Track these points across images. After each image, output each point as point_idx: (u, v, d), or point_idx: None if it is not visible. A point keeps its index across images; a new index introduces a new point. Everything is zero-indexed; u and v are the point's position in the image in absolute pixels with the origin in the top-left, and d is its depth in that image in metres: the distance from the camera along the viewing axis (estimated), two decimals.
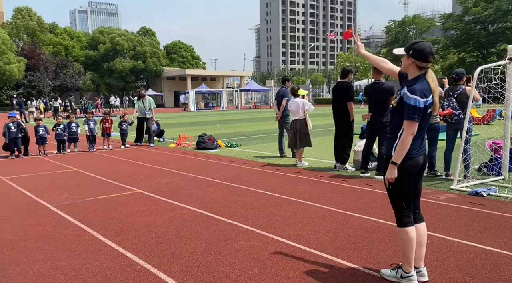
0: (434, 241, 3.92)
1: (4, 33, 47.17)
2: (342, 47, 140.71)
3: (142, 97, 12.70)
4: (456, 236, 4.04)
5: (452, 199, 5.50)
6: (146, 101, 12.66)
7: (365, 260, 3.52)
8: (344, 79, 7.79)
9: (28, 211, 5.23)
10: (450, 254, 3.61)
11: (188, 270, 3.35)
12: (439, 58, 56.68)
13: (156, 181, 6.98)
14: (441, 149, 7.18)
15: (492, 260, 3.45)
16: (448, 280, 3.08)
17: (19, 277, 3.21)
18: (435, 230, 4.23)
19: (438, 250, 3.71)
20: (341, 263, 3.46)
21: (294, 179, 7.03)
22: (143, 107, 12.58)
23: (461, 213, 4.87)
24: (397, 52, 3.09)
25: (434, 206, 5.20)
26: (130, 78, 59.15)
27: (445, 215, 4.79)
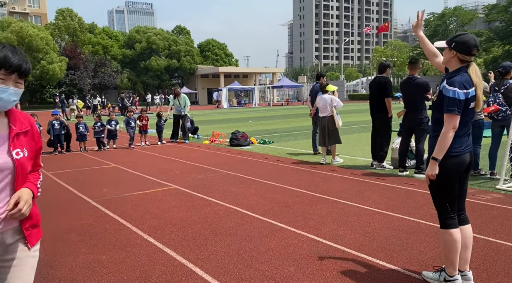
0: (480, 243, 3.74)
1: (47, 34, 49.41)
2: (378, 41, 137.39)
3: (178, 95, 12.94)
4: (504, 239, 3.83)
5: (498, 199, 5.23)
6: (181, 99, 12.91)
7: (405, 261, 3.41)
8: (381, 75, 7.57)
9: (71, 205, 5.44)
10: (498, 257, 3.42)
11: (224, 266, 3.37)
12: (482, 51, 54.09)
13: (191, 177, 7.08)
14: (486, 147, 6.84)
15: None
16: None
17: (64, 269, 3.33)
18: (481, 231, 4.03)
19: (484, 253, 3.53)
20: (380, 264, 3.37)
21: (329, 177, 6.93)
22: (179, 105, 12.85)
23: (509, 214, 4.62)
24: (438, 45, 2.94)
25: (478, 206, 4.96)
26: (165, 77, 60.41)
27: (491, 216, 4.56)
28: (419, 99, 6.62)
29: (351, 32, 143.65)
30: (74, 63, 50.86)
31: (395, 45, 70.34)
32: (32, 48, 46.33)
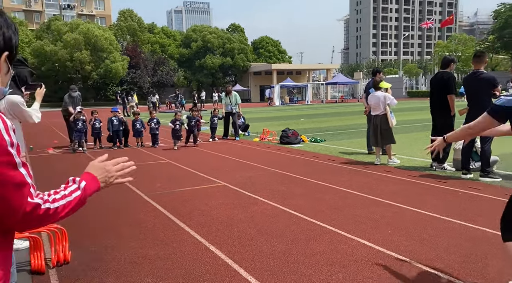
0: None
1: (111, 34, 52.29)
2: (441, 35, 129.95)
3: (229, 93, 13.08)
4: None
5: None
6: (233, 97, 13.05)
7: (467, 273, 3.10)
8: (445, 70, 7.04)
9: (125, 199, 5.62)
10: None
11: (269, 269, 3.26)
12: None
13: (241, 175, 7.06)
14: None
15: None
16: None
17: (112, 262, 3.42)
18: None
19: None
20: (438, 275, 3.09)
21: (384, 178, 6.58)
22: (230, 102, 12.97)
23: None
24: None
25: None
26: (219, 75, 61.54)
27: None
28: (485, 96, 6.06)
29: (411, 26, 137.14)
30: (135, 62, 53.35)
31: (459, 39, 66.06)
32: (97, 48, 49.26)
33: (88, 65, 48.85)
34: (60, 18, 58.90)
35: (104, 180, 1.43)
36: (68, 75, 50.05)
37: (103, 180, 1.43)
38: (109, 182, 1.45)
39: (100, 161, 1.46)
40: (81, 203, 1.33)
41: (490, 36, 59.27)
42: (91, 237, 4.04)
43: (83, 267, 3.33)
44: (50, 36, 51.10)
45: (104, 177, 1.43)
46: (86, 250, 3.69)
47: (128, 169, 1.52)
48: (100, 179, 1.42)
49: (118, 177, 1.48)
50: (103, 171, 1.43)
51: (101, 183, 1.42)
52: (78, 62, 48.39)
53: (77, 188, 1.33)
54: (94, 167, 1.43)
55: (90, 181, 1.37)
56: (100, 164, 1.44)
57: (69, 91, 11.55)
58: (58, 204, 1.23)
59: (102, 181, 1.42)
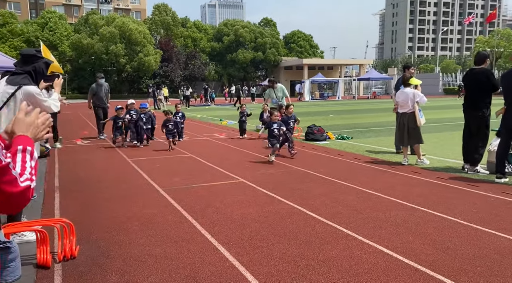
0: None
1: (145, 28, 53.26)
2: (483, 30, 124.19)
3: (273, 86, 11.71)
4: None
5: None
6: (278, 89, 11.67)
7: None
8: (480, 66, 6.59)
9: (141, 192, 5.60)
10: None
11: (277, 274, 3.11)
12: None
13: (261, 172, 6.91)
14: None
15: None
16: None
17: (118, 260, 3.36)
18: None
19: None
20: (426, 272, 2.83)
21: (410, 180, 6.24)
22: (275, 96, 11.56)
23: None
24: None
25: None
26: (250, 69, 61.45)
27: None
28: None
29: (450, 20, 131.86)
30: (168, 56, 54.12)
31: (502, 34, 62.77)
32: (131, 41, 50.34)
33: (122, 58, 50.02)
34: (97, 12, 60.61)
35: (33, 135, 1.45)
36: (104, 68, 51.41)
37: (33, 135, 1.45)
38: (37, 137, 1.47)
39: (24, 114, 1.45)
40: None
41: None
42: (102, 231, 4.02)
43: (89, 263, 3.29)
44: (88, 30, 52.68)
45: (33, 133, 1.45)
46: (94, 245, 3.66)
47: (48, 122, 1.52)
48: (31, 136, 1.44)
49: (43, 130, 1.50)
50: (30, 127, 1.45)
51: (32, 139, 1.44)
52: (113, 55, 49.64)
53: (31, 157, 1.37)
54: (22, 125, 1.43)
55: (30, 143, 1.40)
56: (27, 119, 1.44)
57: (96, 80, 11.63)
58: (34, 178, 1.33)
59: (32, 137, 1.44)
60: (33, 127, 1.45)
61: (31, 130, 1.44)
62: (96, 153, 9.34)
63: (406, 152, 7.58)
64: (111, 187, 5.86)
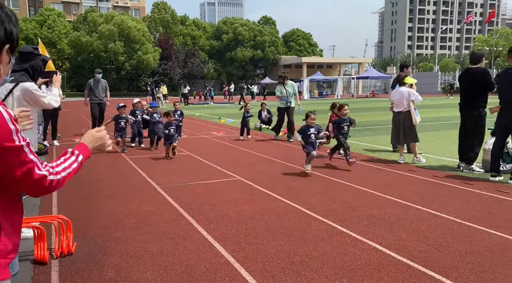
0: None
1: (144, 26, 53.21)
2: (482, 29, 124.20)
3: (284, 82, 10.57)
4: None
5: None
6: (289, 86, 10.54)
7: None
8: (476, 65, 6.63)
9: (139, 190, 5.64)
10: None
11: (271, 270, 3.16)
12: None
13: (258, 170, 6.96)
14: None
15: None
16: None
17: (115, 256, 3.40)
18: None
19: None
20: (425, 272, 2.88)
21: (406, 178, 6.30)
22: (285, 93, 10.37)
23: None
24: None
25: None
26: (249, 67, 61.47)
27: None
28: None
29: (449, 19, 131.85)
30: (167, 54, 54.10)
31: (501, 33, 62.84)
32: (130, 39, 50.30)
33: (121, 56, 49.99)
34: (96, 10, 60.50)
35: (97, 148, 1.65)
36: (103, 65, 51.33)
37: (96, 148, 1.65)
38: (103, 149, 1.68)
39: (97, 131, 1.67)
40: (77, 171, 1.54)
41: None
42: (99, 228, 4.06)
43: (86, 259, 3.33)
44: (86, 27, 52.63)
45: (98, 145, 1.65)
46: (91, 241, 3.70)
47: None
48: (92, 148, 1.63)
49: (106, 145, 1.69)
50: (98, 140, 1.65)
51: (92, 151, 1.63)
52: (112, 53, 49.61)
53: (75, 160, 1.51)
54: (90, 137, 1.64)
55: (84, 152, 1.57)
56: (97, 133, 1.65)
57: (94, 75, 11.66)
58: (61, 176, 1.43)
59: (93, 149, 1.63)
60: (101, 140, 1.65)
61: (97, 143, 1.64)
62: None
63: (402, 150, 7.63)
64: (108, 185, 5.91)
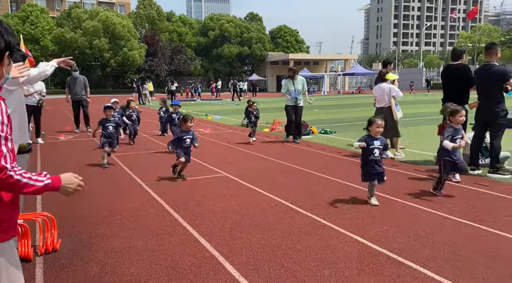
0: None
1: (130, 22, 52.65)
2: (465, 25, 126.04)
3: (293, 77, 9.48)
4: None
5: None
6: (298, 82, 9.48)
7: (457, 274, 2.98)
8: (457, 62, 6.78)
9: (124, 187, 5.65)
10: None
11: (255, 263, 3.22)
12: None
13: (244, 166, 7.01)
14: None
15: None
16: None
17: (100, 252, 3.43)
18: None
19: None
20: (427, 274, 2.99)
21: (388, 173, 6.39)
22: (294, 90, 9.40)
23: None
24: None
25: None
26: (236, 64, 61.37)
27: None
28: (496, 89, 5.83)
29: (434, 16, 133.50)
30: (153, 50, 53.66)
31: (484, 30, 63.96)
32: (115, 35, 49.74)
33: (106, 52, 49.41)
34: (80, 6, 59.57)
35: (65, 187, 1.79)
36: (87, 62, 50.74)
37: (64, 189, 1.79)
38: (68, 191, 1.81)
39: (75, 176, 1.86)
40: (37, 193, 1.65)
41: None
42: (84, 225, 4.06)
43: (71, 255, 3.35)
44: (70, 24, 51.83)
45: (67, 187, 1.80)
46: (76, 238, 3.71)
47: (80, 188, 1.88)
48: (62, 186, 1.77)
49: (75, 190, 1.84)
50: (71, 181, 1.82)
51: (61, 188, 1.77)
52: (97, 49, 48.99)
53: (42, 181, 1.64)
54: (68, 177, 1.82)
55: (55, 182, 1.72)
56: (73, 178, 1.84)
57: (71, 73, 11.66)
58: (21, 178, 1.53)
59: (62, 187, 1.78)
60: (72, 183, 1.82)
61: (68, 183, 1.81)
62: (78, 148, 9.30)
63: (397, 144, 7.73)
64: (93, 182, 5.89)
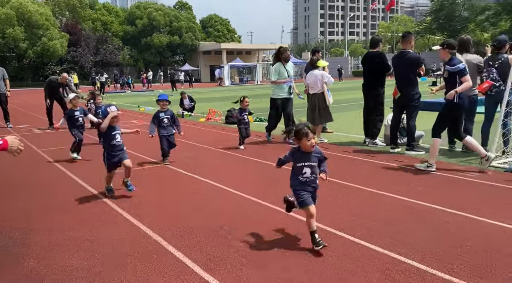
0: (459, 219, 3.68)
1: (48, 9, 48.77)
2: (384, 16, 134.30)
3: (284, 59, 7.95)
4: (486, 216, 3.76)
5: (487, 176, 5.15)
6: (291, 66, 8.10)
7: (386, 240, 3.35)
8: (374, 49, 7.36)
9: (57, 181, 5.43)
10: (476, 234, 3.36)
11: (198, 244, 3.33)
12: (490, 26, 52.83)
13: (183, 155, 7.02)
14: (478, 124, 6.70)
15: None
16: (467, 264, 2.87)
17: (35, 246, 3.32)
18: (463, 208, 3.96)
19: (463, 229, 3.47)
20: (357, 243, 3.32)
21: None
22: (287, 75, 7.84)
23: (494, 191, 4.54)
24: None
25: (465, 183, 4.89)
26: (167, 54, 59.78)
27: (476, 193, 4.49)
28: (411, 74, 6.45)
29: (356, 7, 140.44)
30: (75, 40, 50.37)
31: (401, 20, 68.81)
32: (32, 24, 45.88)
33: (22, 42, 45.46)
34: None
35: (10, 148, 2.62)
36: (1, 53, 46.36)
37: (10, 148, 2.62)
38: (11, 150, 2.63)
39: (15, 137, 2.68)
40: None
41: (427, 18, 62.29)
42: (15, 221, 3.88)
43: (3, 253, 3.21)
44: None
45: (11, 146, 2.62)
46: (7, 235, 3.55)
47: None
48: (9, 146, 2.61)
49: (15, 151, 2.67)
50: (13, 143, 2.64)
51: (8, 148, 2.61)
52: (11, 39, 44.87)
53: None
54: (10, 138, 2.65)
55: (4, 144, 2.60)
56: (15, 139, 2.67)
57: None
58: None
59: (9, 148, 2.61)
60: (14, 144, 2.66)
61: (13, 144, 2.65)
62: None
63: (319, 131, 8.17)
64: (24, 178, 5.58)
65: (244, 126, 7.56)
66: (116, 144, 4.84)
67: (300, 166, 3.32)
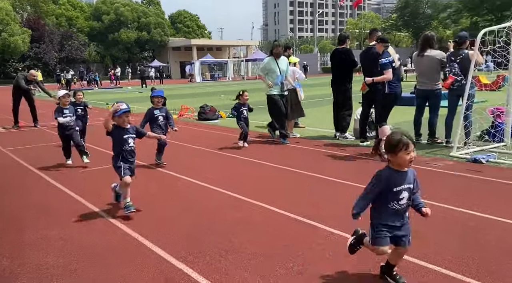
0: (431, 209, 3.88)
1: (7, 4, 46.64)
2: (352, 13, 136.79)
3: (280, 54, 7.40)
4: (453, 204, 3.98)
5: (450, 166, 5.42)
6: (281, 62, 7.37)
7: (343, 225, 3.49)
8: (342, 46, 7.54)
9: (28, 182, 5.28)
10: (445, 222, 3.56)
11: (176, 241, 3.36)
12: (451, 23, 54.85)
13: None
14: (442, 117, 7.02)
15: (488, 228, 3.41)
16: (441, 249, 3.05)
17: (7, 246, 3.26)
18: (431, 197, 4.16)
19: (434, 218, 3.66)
20: (325, 229, 3.44)
21: (291, 149, 6.98)
22: (279, 71, 7.28)
23: (458, 180, 4.80)
24: None
25: (431, 173, 5.13)
26: (135, 50, 58.54)
27: (441, 183, 4.73)
28: (376, 69, 6.66)
29: (325, 3, 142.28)
30: (38, 36, 48.47)
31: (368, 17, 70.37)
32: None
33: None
34: None
35: None
36: None
37: None
38: None
39: None
40: None
41: (393, 15, 63.99)
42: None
43: None
44: None
45: None
46: None
47: None
48: None
49: None
50: None
51: None
52: None
53: None
54: None
55: None
56: None
57: None
58: None
59: None
60: None
61: None
62: None
63: (292, 126, 8.32)
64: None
65: (243, 122, 7.21)
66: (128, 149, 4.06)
67: (397, 190, 2.51)
